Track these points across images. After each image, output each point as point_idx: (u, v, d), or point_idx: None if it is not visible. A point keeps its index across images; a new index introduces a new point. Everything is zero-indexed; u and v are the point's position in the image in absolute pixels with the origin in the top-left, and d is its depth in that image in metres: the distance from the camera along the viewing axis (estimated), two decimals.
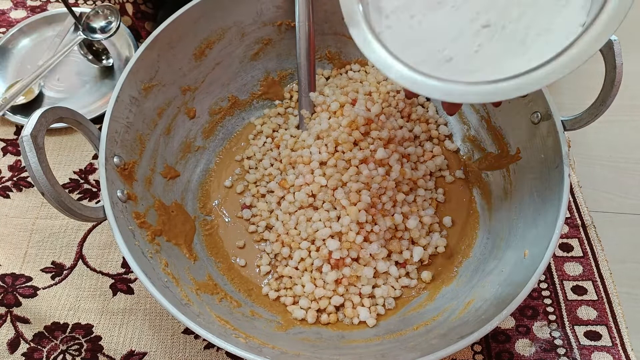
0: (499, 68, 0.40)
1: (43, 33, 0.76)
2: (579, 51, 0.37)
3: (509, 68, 0.40)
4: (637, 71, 0.72)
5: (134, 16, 0.74)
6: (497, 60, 0.40)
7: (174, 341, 0.54)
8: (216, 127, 0.65)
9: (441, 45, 0.41)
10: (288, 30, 0.64)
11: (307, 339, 0.50)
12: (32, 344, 0.53)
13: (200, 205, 0.61)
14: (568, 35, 0.38)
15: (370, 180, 0.56)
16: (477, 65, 0.40)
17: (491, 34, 0.40)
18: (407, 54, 0.41)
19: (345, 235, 0.53)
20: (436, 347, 0.41)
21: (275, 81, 0.67)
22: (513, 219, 0.52)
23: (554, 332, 0.54)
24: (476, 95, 0.39)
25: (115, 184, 0.48)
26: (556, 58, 0.37)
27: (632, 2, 0.35)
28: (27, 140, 0.39)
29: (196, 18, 0.56)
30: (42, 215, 0.62)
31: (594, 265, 0.58)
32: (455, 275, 0.55)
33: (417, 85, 0.40)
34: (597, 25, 0.36)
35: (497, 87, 0.38)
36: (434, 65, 0.41)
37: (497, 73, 0.40)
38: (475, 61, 0.41)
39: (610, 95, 0.44)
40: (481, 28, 0.40)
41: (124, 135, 0.51)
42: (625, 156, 0.68)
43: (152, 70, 0.54)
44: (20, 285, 0.57)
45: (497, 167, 0.57)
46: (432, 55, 0.41)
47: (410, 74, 0.40)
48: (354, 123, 0.58)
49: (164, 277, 0.47)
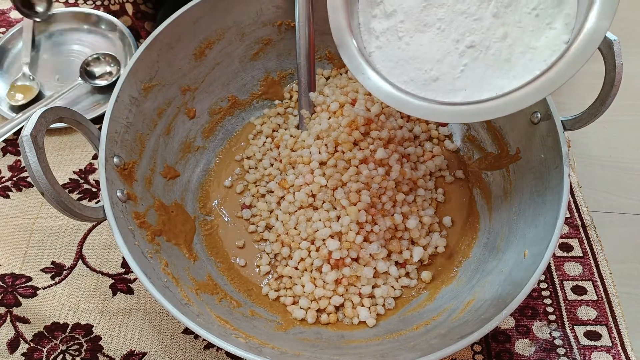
0: (484, 87, 0.42)
1: (43, 33, 0.76)
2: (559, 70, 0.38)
3: (493, 87, 0.42)
4: (637, 71, 0.72)
5: (133, 16, 0.74)
6: (482, 79, 0.42)
7: (174, 341, 0.54)
8: (216, 127, 0.65)
9: (428, 66, 0.43)
10: (288, 30, 0.64)
11: (307, 339, 0.50)
12: (32, 344, 0.53)
13: (200, 205, 0.61)
14: (552, 52, 0.40)
15: (370, 180, 0.56)
16: (462, 85, 0.42)
17: (476, 54, 0.42)
18: (395, 73, 0.44)
19: (345, 235, 0.53)
20: (436, 347, 0.41)
21: (275, 81, 0.67)
22: (513, 219, 0.52)
23: (554, 332, 0.54)
24: (459, 115, 0.41)
25: (115, 184, 0.48)
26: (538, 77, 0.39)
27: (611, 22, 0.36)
28: (27, 140, 0.39)
29: (196, 18, 0.56)
30: (42, 215, 0.62)
31: (594, 265, 0.58)
32: (455, 275, 0.55)
33: (402, 105, 0.43)
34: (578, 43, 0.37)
35: (480, 107, 0.40)
36: (421, 85, 0.43)
37: (482, 92, 0.42)
38: (460, 81, 0.42)
39: (610, 95, 0.44)
40: (466, 49, 0.42)
41: (124, 135, 0.51)
42: (625, 156, 0.68)
43: (152, 71, 0.54)
44: (20, 285, 0.57)
45: (497, 167, 0.57)
46: (419, 75, 0.43)
47: (397, 95, 0.43)
48: (354, 123, 0.58)
49: (164, 277, 0.47)
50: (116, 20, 0.75)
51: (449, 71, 0.43)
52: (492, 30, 0.41)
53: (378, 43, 0.45)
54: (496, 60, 0.42)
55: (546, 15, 0.40)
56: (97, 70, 0.72)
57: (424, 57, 0.43)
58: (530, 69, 0.41)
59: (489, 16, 0.41)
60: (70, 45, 0.75)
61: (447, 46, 0.43)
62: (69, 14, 0.76)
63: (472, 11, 0.42)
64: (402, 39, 0.44)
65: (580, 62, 0.37)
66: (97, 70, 0.72)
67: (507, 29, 0.41)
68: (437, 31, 0.43)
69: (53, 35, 0.76)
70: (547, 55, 0.40)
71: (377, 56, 0.45)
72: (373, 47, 0.45)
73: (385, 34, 0.45)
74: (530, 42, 0.41)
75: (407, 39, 0.44)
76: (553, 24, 0.40)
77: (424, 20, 0.43)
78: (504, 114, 0.40)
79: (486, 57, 0.42)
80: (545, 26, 0.41)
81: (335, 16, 0.45)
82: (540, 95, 0.39)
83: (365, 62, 0.44)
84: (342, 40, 0.45)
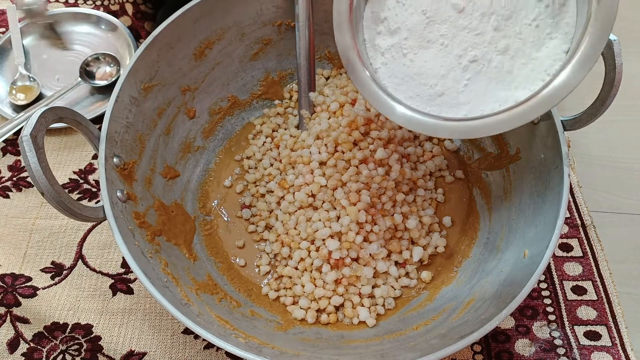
0: (487, 100, 0.43)
1: (43, 33, 0.76)
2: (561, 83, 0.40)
3: (496, 99, 0.43)
4: (637, 71, 0.72)
5: (133, 16, 0.74)
6: (485, 92, 0.43)
7: (174, 341, 0.54)
8: (216, 127, 0.65)
9: (433, 81, 0.44)
10: (288, 30, 0.64)
11: (307, 339, 0.50)
12: (31, 344, 0.53)
13: (200, 205, 0.61)
14: (553, 62, 0.41)
15: (370, 180, 0.56)
16: (466, 99, 0.43)
17: (479, 68, 0.43)
18: (401, 89, 0.45)
19: (345, 235, 0.53)
20: (436, 347, 0.41)
21: (275, 81, 0.67)
22: (513, 219, 0.52)
23: (554, 332, 0.54)
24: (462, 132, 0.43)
25: (115, 184, 0.48)
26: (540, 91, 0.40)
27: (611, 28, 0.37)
28: (27, 140, 0.39)
29: (196, 18, 0.56)
30: (42, 215, 0.62)
31: (594, 265, 0.58)
32: (455, 275, 0.55)
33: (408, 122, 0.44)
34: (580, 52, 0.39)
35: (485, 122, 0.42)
36: (426, 100, 0.45)
37: (485, 104, 0.43)
38: (464, 95, 0.43)
39: (610, 96, 0.44)
40: (469, 63, 0.43)
41: (123, 136, 0.51)
42: (625, 156, 0.68)
43: (151, 70, 0.54)
44: (20, 285, 0.57)
45: (497, 167, 0.57)
46: (424, 90, 0.44)
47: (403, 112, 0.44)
48: (353, 123, 0.58)
49: (164, 277, 0.47)
50: (116, 20, 0.75)
51: (453, 86, 0.44)
52: (493, 43, 0.42)
53: (383, 59, 0.46)
54: (498, 72, 0.42)
55: (546, 26, 0.41)
56: (97, 70, 0.72)
57: (428, 73, 0.44)
58: (532, 79, 0.42)
59: (490, 30, 0.42)
60: (70, 45, 0.75)
61: (450, 61, 0.43)
62: (69, 14, 0.76)
63: (473, 26, 0.42)
64: (407, 55, 0.45)
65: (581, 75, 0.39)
66: (97, 70, 0.72)
67: (508, 41, 0.42)
68: (441, 47, 0.44)
69: (53, 35, 0.76)
70: (547, 65, 0.41)
71: (383, 72, 0.46)
72: (379, 64, 0.46)
73: (390, 51, 0.45)
74: (531, 53, 0.42)
75: (412, 55, 0.45)
76: (553, 34, 0.41)
77: (427, 37, 0.44)
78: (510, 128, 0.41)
79: (488, 70, 0.43)
80: (545, 36, 0.41)
81: (341, 37, 0.45)
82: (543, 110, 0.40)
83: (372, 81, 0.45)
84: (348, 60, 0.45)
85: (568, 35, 0.41)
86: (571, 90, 0.39)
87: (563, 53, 0.41)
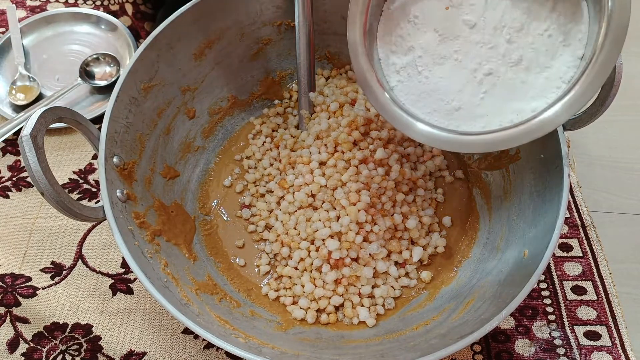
0: (503, 111, 0.43)
1: (43, 33, 0.76)
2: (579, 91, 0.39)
3: (512, 110, 0.43)
4: (637, 71, 0.72)
5: (133, 16, 0.74)
6: (501, 104, 0.43)
7: (174, 341, 0.54)
8: (216, 127, 0.65)
9: (450, 97, 0.45)
10: (288, 30, 0.64)
11: (306, 339, 0.50)
12: (31, 344, 0.53)
13: (200, 205, 0.61)
14: (567, 69, 0.41)
15: (370, 180, 0.56)
16: (483, 111, 0.44)
17: (494, 80, 0.43)
18: (419, 106, 0.46)
19: (344, 235, 0.53)
20: (436, 347, 0.41)
21: (275, 81, 0.67)
22: (513, 219, 0.52)
23: (554, 332, 0.54)
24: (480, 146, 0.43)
25: (114, 184, 0.48)
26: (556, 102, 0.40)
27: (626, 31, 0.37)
28: (27, 140, 0.39)
29: (196, 18, 0.56)
30: (42, 215, 0.62)
31: (594, 265, 0.58)
32: (455, 275, 0.55)
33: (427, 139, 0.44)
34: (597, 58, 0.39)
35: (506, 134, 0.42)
36: (444, 115, 0.45)
37: (502, 116, 0.43)
38: (481, 108, 0.44)
39: (610, 96, 0.44)
40: (484, 76, 0.43)
41: (123, 135, 0.51)
42: (625, 156, 0.68)
43: (151, 71, 0.54)
44: (20, 285, 0.57)
45: (497, 167, 0.57)
46: (442, 105, 0.45)
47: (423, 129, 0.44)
48: (353, 123, 0.58)
49: (164, 277, 0.47)
50: (116, 20, 0.75)
51: (469, 100, 0.44)
52: (507, 56, 0.42)
53: (399, 77, 0.46)
54: (513, 84, 0.43)
55: (559, 34, 0.41)
56: (97, 70, 0.72)
57: (445, 89, 0.45)
58: (548, 88, 0.42)
59: (503, 42, 0.42)
60: (70, 45, 0.75)
61: (465, 76, 0.44)
62: (69, 14, 0.76)
63: (486, 40, 0.43)
64: (422, 72, 0.45)
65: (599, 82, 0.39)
66: (97, 70, 0.72)
67: (522, 52, 0.42)
68: (455, 62, 0.44)
69: (53, 36, 0.76)
70: (562, 73, 0.41)
71: (400, 90, 0.46)
72: (395, 82, 0.46)
73: (405, 69, 0.46)
74: (545, 62, 0.42)
75: (427, 72, 0.45)
76: (566, 41, 0.41)
77: (441, 54, 0.44)
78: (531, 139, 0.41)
79: (504, 82, 0.43)
80: (558, 44, 0.41)
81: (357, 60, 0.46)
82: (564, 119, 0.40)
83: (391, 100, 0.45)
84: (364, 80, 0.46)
85: (582, 42, 0.40)
86: (590, 97, 0.39)
87: (578, 59, 0.41)
